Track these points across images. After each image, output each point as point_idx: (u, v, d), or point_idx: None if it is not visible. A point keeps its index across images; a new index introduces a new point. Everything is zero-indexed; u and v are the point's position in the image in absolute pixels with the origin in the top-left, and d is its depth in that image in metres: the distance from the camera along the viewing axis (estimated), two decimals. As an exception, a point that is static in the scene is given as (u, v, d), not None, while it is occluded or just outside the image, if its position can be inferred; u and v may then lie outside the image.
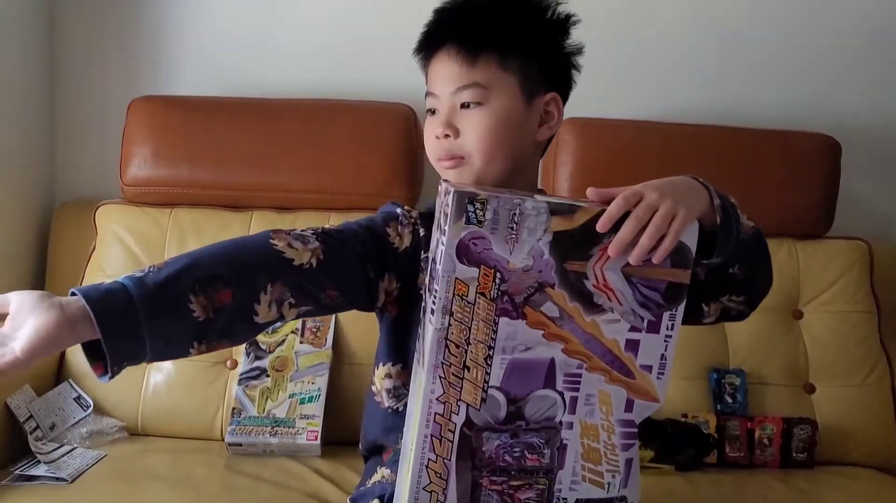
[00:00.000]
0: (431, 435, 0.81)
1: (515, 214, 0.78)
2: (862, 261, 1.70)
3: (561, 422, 0.83)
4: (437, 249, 0.83)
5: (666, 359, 0.83)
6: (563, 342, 0.81)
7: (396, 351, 1.01)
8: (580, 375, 0.82)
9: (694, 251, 0.82)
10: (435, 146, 0.99)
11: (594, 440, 0.84)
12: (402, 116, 1.69)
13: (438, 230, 0.84)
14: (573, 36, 1.02)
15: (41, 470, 1.32)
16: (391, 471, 0.99)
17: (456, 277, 0.79)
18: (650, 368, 0.83)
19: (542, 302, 0.80)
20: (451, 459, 0.82)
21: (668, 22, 1.84)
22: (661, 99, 1.84)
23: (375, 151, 1.66)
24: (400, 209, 0.99)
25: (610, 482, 0.85)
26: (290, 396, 1.50)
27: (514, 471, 0.83)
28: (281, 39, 1.83)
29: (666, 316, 0.82)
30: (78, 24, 1.81)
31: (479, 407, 0.81)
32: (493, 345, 0.80)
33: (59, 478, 1.29)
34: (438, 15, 1.01)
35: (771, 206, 1.64)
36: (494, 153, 0.96)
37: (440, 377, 0.80)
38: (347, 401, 1.52)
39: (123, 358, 0.78)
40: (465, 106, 0.97)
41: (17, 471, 1.32)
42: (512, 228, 0.79)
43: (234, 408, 1.49)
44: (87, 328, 0.76)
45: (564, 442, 0.83)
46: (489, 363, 0.80)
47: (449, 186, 0.82)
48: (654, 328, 0.82)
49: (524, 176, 1.01)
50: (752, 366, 1.62)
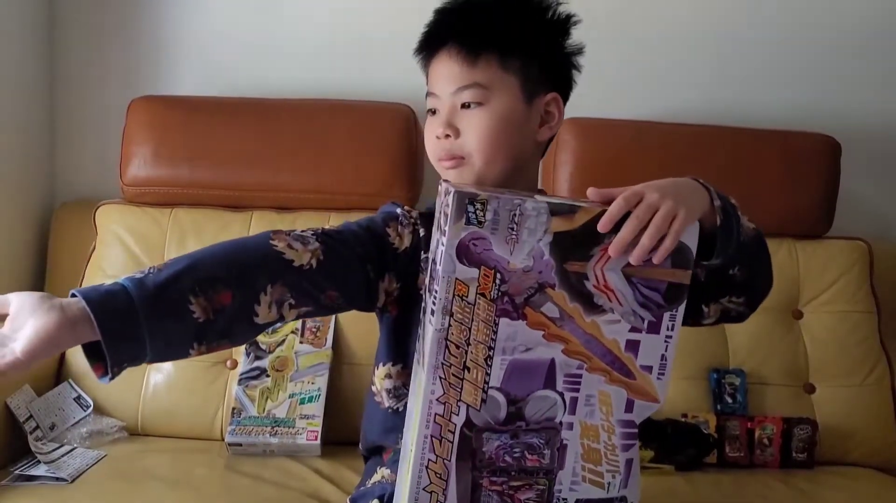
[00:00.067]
0: (431, 435, 0.81)
1: (516, 215, 0.78)
2: (862, 262, 1.70)
3: (561, 423, 0.83)
4: (437, 250, 0.83)
5: (666, 360, 0.83)
6: (563, 343, 0.81)
7: (396, 351, 1.01)
8: (580, 376, 0.82)
9: (694, 252, 0.82)
10: (435, 146, 0.99)
11: (594, 440, 0.84)
12: (402, 116, 1.69)
13: (438, 230, 0.84)
14: (574, 36, 1.02)
15: (41, 470, 1.32)
16: (391, 472, 0.99)
17: (456, 278, 0.79)
18: (650, 369, 0.83)
19: (542, 302, 0.80)
20: (451, 460, 0.82)
21: (668, 22, 1.84)
22: (661, 99, 1.84)
23: (375, 151, 1.66)
24: (400, 209, 0.99)
25: (610, 482, 0.85)
26: (290, 396, 1.50)
27: (514, 472, 0.83)
28: (281, 39, 1.83)
29: (666, 316, 0.82)
30: (78, 24, 1.81)
31: (479, 407, 0.81)
32: (493, 346, 0.80)
33: (59, 478, 1.29)
34: (439, 15, 1.01)
35: (771, 206, 1.64)
36: (495, 153, 0.96)
37: (440, 378, 0.80)
38: (347, 401, 1.52)
39: (124, 359, 0.79)
40: (465, 106, 0.97)
41: (17, 471, 1.32)
42: (512, 229, 0.78)
43: (234, 408, 1.49)
44: (87, 329, 0.76)
45: (564, 442, 0.83)
46: (489, 364, 0.80)
47: (449, 187, 0.81)
48: (654, 328, 0.82)
49: (525, 176, 1.01)
50: (752, 367, 1.62)
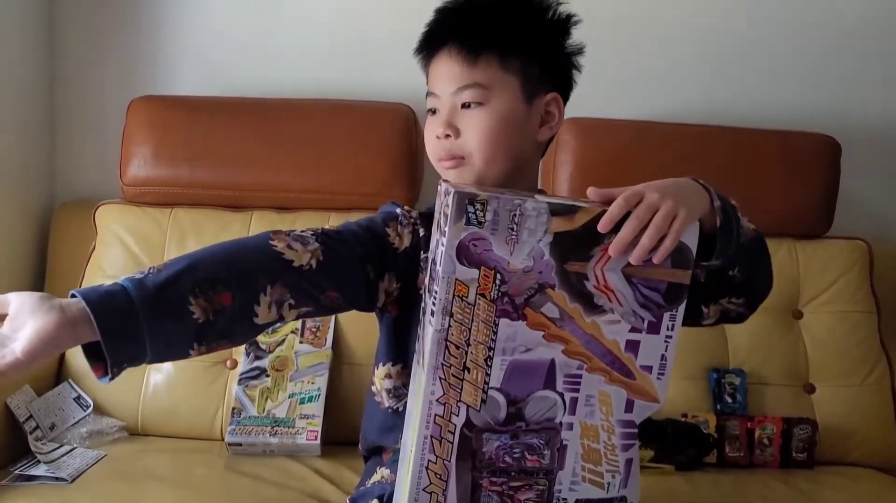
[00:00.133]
0: (431, 436, 0.81)
1: (516, 215, 0.78)
2: (862, 262, 1.70)
3: (561, 423, 0.83)
4: (436, 250, 0.83)
5: (666, 360, 0.83)
6: (563, 343, 0.81)
7: (396, 351, 1.01)
8: (580, 376, 0.82)
9: (694, 252, 0.82)
10: (435, 146, 0.99)
11: (594, 441, 0.84)
12: (402, 116, 1.69)
13: (438, 231, 0.83)
14: (574, 36, 1.02)
15: (41, 470, 1.32)
16: (391, 472, 0.99)
17: (456, 278, 0.79)
18: (650, 369, 0.83)
19: (542, 303, 0.80)
20: (450, 460, 0.81)
21: (668, 22, 1.84)
22: (661, 99, 1.84)
23: (375, 151, 1.66)
24: (400, 209, 0.99)
25: (610, 482, 0.85)
26: (289, 396, 1.50)
27: (514, 472, 0.83)
28: (281, 39, 1.83)
29: (666, 316, 0.82)
30: (77, 24, 1.81)
31: (479, 408, 0.81)
32: (493, 347, 0.80)
33: (58, 478, 1.29)
34: (439, 15, 1.01)
35: (771, 206, 1.64)
36: (495, 153, 0.96)
37: (440, 378, 0.80)
38: (347, 401, 1.51)
39: (123, 359, 0.79)
40: (465, 106, 0.97)
41: (16, 471, 1.31)
42: (512, 229, 0.78)
43: (233, 408, 1.49)
44: (87, 330, 0.76)
45: (564, 442, 0.83)
46: (489, 364, 0.80)
47: (449, 187, 0.81)
48: (654, 329, 0.82)
49: (525, 176, 1.01)
50: (752, 366, 1.62)
